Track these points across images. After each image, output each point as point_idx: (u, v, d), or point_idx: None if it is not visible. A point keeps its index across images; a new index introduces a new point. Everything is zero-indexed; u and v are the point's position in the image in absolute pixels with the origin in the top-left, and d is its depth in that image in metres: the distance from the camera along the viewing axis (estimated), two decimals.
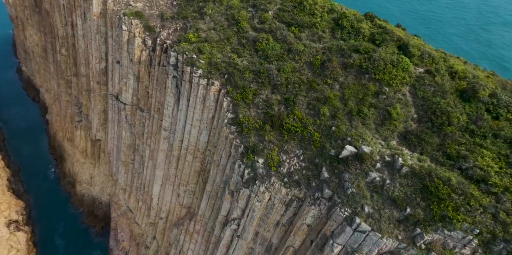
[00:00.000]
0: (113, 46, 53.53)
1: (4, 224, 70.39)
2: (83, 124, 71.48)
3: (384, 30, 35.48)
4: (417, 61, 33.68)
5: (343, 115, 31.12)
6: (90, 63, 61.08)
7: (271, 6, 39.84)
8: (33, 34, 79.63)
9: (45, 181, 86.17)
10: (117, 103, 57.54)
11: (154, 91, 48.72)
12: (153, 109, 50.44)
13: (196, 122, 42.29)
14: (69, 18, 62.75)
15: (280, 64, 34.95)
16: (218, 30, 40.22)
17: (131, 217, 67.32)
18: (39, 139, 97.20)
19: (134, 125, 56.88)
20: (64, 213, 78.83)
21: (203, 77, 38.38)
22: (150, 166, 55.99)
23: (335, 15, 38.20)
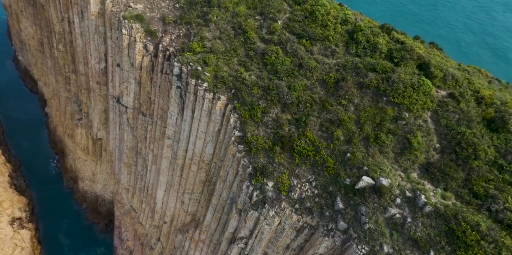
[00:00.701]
0: (112, 48, 51.45)
1: (7, 222, 70.28)
2: (83, 123, 70.12)
3: (403, 46, 33.29)
4: (439, 83, 31.61)
5: (359, 141, 29.67)
6: (89, 63, 59.05)
7: (280, 15, 37.57)
8: (28, 26, 76.84)
9: (47, 176, 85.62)
10: (118, 106, 56.02)
11: (157, 98, 47.14)
12: (156, 115, 49.02)
13: (201, 134, 41.02)
14: (65, 14, 60.20)
15: (290, 81, 33.22)
16: (224, 40, 38.20)
17: (134, 217, 67.15)
18: (39, 131, 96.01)
19: (136, 128, 55.59)
20: (67, 209, 78.75)
21: (208, 91, 36.80)
22: (153, 170, 55.14)
23: (349, 26, 35.92)
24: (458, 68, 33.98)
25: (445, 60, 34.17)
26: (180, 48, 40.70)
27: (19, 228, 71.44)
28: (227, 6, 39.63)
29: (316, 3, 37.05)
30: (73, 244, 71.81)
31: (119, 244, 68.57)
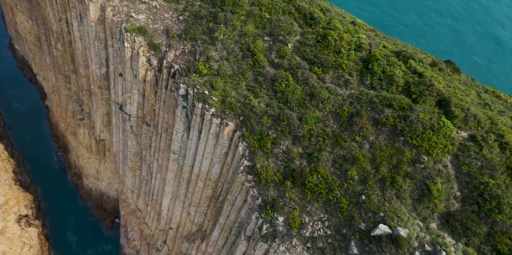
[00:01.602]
0: (114, 57, 49.89)
1: (14, 220, 71.19)
2: (86, 123, 69.36)
3: (421, 80, 31.69)
4: (460, 123, 30.35)
5: (374, 183, 29.09)
6: (89, 67, 57.48)
7: (290, 38, 35.87)
8: (24, 21, 74.20)
9: (51, 171, 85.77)
10: (121, 113, 55.12)
11: (161, 111, 46.21)
12: (161, 127, 48.28)
13: (207, 155, 40.55)
14: (63, 15, 57.88)
15: (301, 112, 32.27)
16: (232, 62, 36.81)
17: (140, 217, 67.92)
18: (40, 124, 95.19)
19: (140, 135, 54.98)
20: (73, 205, 79.55)
21: (216, 117, 35.96)
22: (158, 178, 55.10)
23: (363, 53, 34.28)
24: (479, 102, 32.38)
25: (465, 94, 32.47)
26: (186, 67, 39.33)
27: (26, 225, 72.45)
28: (234, 24, 37.86)
29: (328, 26, 35.28)
30: (81, 241, 73.08)
31: (126, 242, 69.82)
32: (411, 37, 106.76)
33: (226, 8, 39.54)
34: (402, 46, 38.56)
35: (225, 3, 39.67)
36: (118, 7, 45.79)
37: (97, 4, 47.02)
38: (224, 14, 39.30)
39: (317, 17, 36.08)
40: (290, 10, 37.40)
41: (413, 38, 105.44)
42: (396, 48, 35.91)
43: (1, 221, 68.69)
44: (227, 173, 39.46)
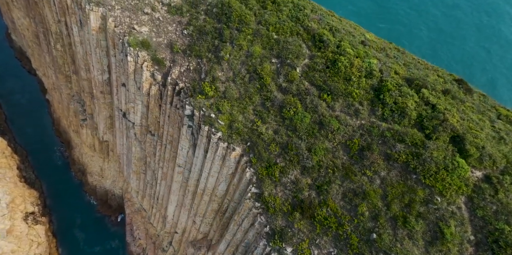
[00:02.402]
0: (116, 66, 48.96)
1: (21, 219, 72.27)
2: (88, 124, 68.99)
3: (434, 114, 30.87)
4: (475, 162, 29.92)
5: (386, 221, 29.07)
6: (91, 72, 56.45)
7: (298, 61, 34.92)
8: (21, 17, 72.17)
9: (54, 166, 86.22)
10: (124, 120, 54.72)
11: (166, 125, 45.84)
12: (165, 139, 48.08)
13: (214, 173, 40.61)
14: (62, 18, 56.20)
15: (310, 142, 31.94)
16: (238, 84, 36.12)
17: (145, 216, 68.95)
18: (41, 117, 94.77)
19: (144, 142, 54.86)
20: (78, 202, 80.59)
21: (222, 141, 35.71)
22: (163, 185, 55.47)
23: (374, 81, 33.40)
24: (494, 136, 31.59)
25: (479, 128, 31.61)
26: (191, 87, 38.62)
27: (33, 223, 73.64)
28: (240, 44, 36.80)
29: (338, 50, 34.26)
30: (88, 238, 74.59)
31: (132, 240, 71.26)
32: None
33: (232, 25, 38.33)
34: (414, 65, 37.60)
35: (230, 20, 38.43)
36: (120, 18, 44.40)
37: (98, 13, 45.60)
38: (230, 31, 38.15)
39: (326, 40, 35.01)
40: (298, 30, 36.24)
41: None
42: (408, 73, 34.98)
43: (8, 220, 69.71)
44: (233, 193, 39.68)
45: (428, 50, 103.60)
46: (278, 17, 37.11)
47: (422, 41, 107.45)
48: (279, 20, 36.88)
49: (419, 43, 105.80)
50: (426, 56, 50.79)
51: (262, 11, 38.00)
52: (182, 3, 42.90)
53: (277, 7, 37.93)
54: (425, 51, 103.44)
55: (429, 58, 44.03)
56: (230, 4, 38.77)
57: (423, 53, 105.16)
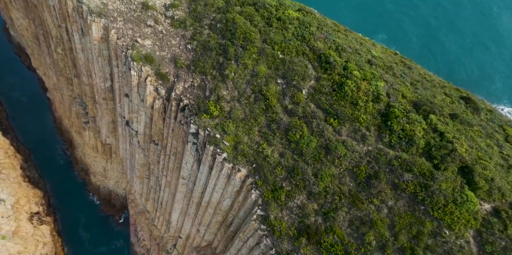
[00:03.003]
0: (119, 76, 48.53)
1: (27, 219, 73.14)
2: (91, 126, 68.86)
3: (442, 143, 30.60)
4: (483, 195, 29.95)
5: (393, 251, 29.23)
6: (93, 79, 55.98)
7: (304, 83, 34.57)
8: (20, 18, 70.95)
9: (57, 165, 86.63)
10: (127, 128, 54.67)
11: (170, 137, 45.84)
12: (169, 150, 48.16)
13: (218, 189, 40.88)
14: (63, 24, 55.29)
15: (317, 167, 31.99)
16: (243, 104, 35.92)
17: (149, 218, 69.74)
18: (43, 115, 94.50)
19: (148, 150, 54.95)
20: (82, 201, 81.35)
21: (228, 162, 35.79)
22: (167, 192, 55.90)
23: (381, 105, 33.06)
24: (503, 165, 31.39)
25: (488, 157, 31.50)
26: (196, 104, 38.41)
27: (38, 223, 74.58)
28: (245, 62, 36.37)
29: (345, 73, 33.86)
30: (93, 238, 75.68)
31: (136, 241, 72.35)
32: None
33: (236, 42, 37.79)
34: (421, 84, 37.14)
35: (235, 37, 37.86)
36: (123, 30, 43.75)
37: (100, 24, 44.94)
38: (235, 49, 37.66)
39: (332, 62, 34.58)
40: (304, 50, 35.75)
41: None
42: (415, 95, 34.62)
43: (14, 221, 70.54)
44: (238, 209, 40.06)
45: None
46: (284, 36, 36.56)
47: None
48: (284, 39, 36.34)
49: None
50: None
51: (267, 28, 37.40)
52: (186, 16, 42.16)
53: (282, 24, 37.30)
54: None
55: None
56: (235, 20, 38.12)
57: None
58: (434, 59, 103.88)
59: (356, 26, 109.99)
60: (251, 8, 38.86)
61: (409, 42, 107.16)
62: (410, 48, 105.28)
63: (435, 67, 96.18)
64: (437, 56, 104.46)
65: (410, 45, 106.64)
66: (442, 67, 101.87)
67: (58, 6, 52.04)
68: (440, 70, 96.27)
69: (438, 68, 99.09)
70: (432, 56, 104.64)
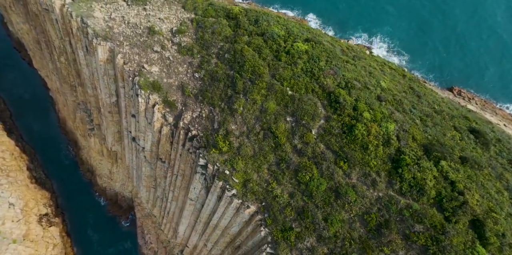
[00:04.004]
0: (126, 97, 48.34)
1: (36, 222, 74.91)
2: (96, 133, 69.13)
3: (453, 193, 30.72)
4: (495, 250, 30.26)
5: None
6: (98, 94, 55.67)
7: (314, 123, 34.57)
8: (20, 22, 69.48)
9: (63, 165, 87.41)
10: (134, 144, 55.00)
11: (178, 161, 46.25)
12: (177, 171, 48.69)
13: (227, 217, 41.73)
14: (66, 38, 54.33)
15: (327, 211, 32.49)
16: (252, 141, 36.12)
17: (156, 222, 71.36)
18: (46, 113, 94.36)
19: (154, 164, 55.53)
20: (89, 201, 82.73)
21: (237, 198, 36.41)
22: (174, 205, 56.90)
23: (392, 149, 33.16)
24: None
25: (499, 207, 31.67)
26: (205, 137, 38.58)
27: (47, 225, 76.42)
28: (254, 98, 36.25)
29: (354, 114, 33.79)
30: (101, 239, 77.66)
31: (143, 243, 74.36)
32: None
33: (245, 75, 37.49)
34: (431, 119, 36.88)
35: (243, 69, 37.52)
36: (129, 55, 43.23)
37: (106, 47, 44.32)
38: (243, 82, 37.42)
39: (342, 102, 34.45)
40: (314, 87, 35.53)
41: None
42: (425, 136, 34.59)
43: (24, 224, 72.31)
44: (246, 238, 41.06)
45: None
46: (293, 71, 36.24)
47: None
48: (293, 75, 36.04)
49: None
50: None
51: (276, 62, 36.99)
52: (193, 43, 41.54)
53: (291, 58, 36.85)
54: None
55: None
56: (243, 52, 37.65)
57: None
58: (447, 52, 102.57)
59: (362, 18, 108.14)
60: (259, 39, 38.25)
61: (411, 37, 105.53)
62: (413, 42, 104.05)
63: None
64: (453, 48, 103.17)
65: (412, 40, 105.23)
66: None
67: (61, 21, 51.02)
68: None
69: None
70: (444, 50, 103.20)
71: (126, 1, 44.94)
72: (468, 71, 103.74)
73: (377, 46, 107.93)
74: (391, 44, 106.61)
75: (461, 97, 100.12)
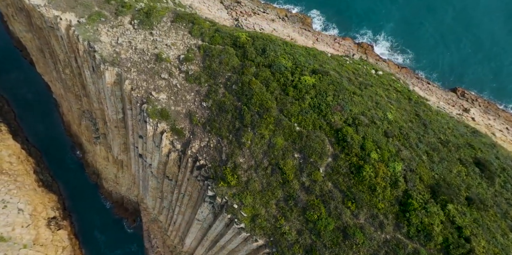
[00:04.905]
0: (133, 119, 48.70)
1: (45, 226, 76.71)
2: (102, 142, 69.81)
3: (460, 240, 31.24)
4: None
5: None
6: (104, 109, 55.95)
7: (322, 162, 35.11)
8: (22, 30, 68.78)
9: (68, 167, 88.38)
10: (141, 160, 55.74)
11: (185, 183, 47.05)
12: (184, 190, 49.60)
13: (234, 243, 42.79)
14: (72, 54, 54.14)
15: (335, 251, 33.38)
16: (260, 175, 36.83)
17: (162, 227, 73.07)
18: (51, 113, 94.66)
19: (161, 180, 56.43)
20: (95, 203, 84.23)
21: (245, 231, 37.41)
22: (180, 218, 58.17)
23: (399, 191, 33.82)
24: None
25: (505, 253, 32.92)
26: (213, 169, 39.25)
27: (56, 228, 78.27)
28: (262, 133, 36.71)
29: (362, 154, 34.27)
30: (108, 241, 79.65)
31: (150, 247, 76.36)
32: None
33: (252, 108, 37.79)
34: (438, 153, 37.30)
35: (251, 102, 37.79)
36: (137, 81, 43.37)
37: (113, 72, 44.40)
38: (251, 115, 37.77)
39: (350, 141, 34.91)
40: (321, 124, 35.91)
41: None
42: (432, 174, 35.14)
43: (33, 229, 74.12)
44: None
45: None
46: (300, 106, 36.54)
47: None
48: (301, 111, 36.36)
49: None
50: None
51: (284, 97, 37.23)
52: (200, 71, 41.59)
53: (298, 93, 37.05)
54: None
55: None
56: (251, 85, 37.82)
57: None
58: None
59: (366, 14, 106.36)
60: (267, 71, 38.32)
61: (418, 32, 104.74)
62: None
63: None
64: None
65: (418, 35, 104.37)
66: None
67: (67, 40, 50.76)
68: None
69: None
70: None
71: (133, 24, 44.64)
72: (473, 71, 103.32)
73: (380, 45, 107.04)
74: (395, 42, 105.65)
75: (464, 99, 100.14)
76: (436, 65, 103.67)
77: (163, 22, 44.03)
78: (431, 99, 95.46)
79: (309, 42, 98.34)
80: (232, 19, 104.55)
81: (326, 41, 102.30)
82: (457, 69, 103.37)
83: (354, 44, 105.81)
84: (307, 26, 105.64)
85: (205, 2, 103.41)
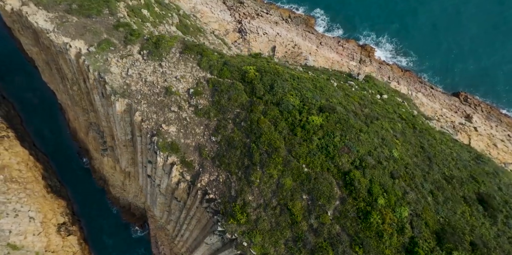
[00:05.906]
0: (142, 146, 49.63)
1: (55, 232, 78.97)
2: (109, 154, 70.92)
3: None
4: None
5: None
6: (113, 130, 56.79)
7: (330, 205, 36.22)
8: (28, 44, 68.70)
9: (76, 172, 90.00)
10: (149, 180, 56.98)
11: (194, 210, 48.38)
12: (193, 214, 51.02)
13: None
14: (80, 77, 54.56)
15: None
16: (269, 215, 38.05)
17: (169, 235, 75.16)
18: (56, 118, 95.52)
19: (169, 199, 57.86)
20: (104, 207, 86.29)
21: None
22: (188, 234, 59.94)
23: (405, 238, 35.01)
24: None
25: None
26: (222, 205, 40.48)
27: (66, 233, 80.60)
28: (271, 173, 37.75)
29: (370, 200, 35.34)
30: (116, 246, 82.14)
31: (157, 253, 78.76)
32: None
33: (261, 146, 38.69)
34: (442, 193, 38.33)
35: (259, 140, 38.66)
36: (147, 113, 44.10)
37: (123, 102, 45.06)
38: (260, 153, 38.70)
39: (357, 185, 35.96)
40: (329, 166, 36.87)
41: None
42: (437, 220, 36.20)
43: (44, 236, 76.38)
44: None
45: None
46: (308, 148, 37.40)
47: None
48: (309, 152, 37.25)
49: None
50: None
51: (292, 137, 38.04)
52: (209, 106, 42.24)
53: (306, 134, 37.85)
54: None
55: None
56: (259, 124, 38.59)
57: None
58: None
59: (369, 15, 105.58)
60: (275, 110, 38.99)
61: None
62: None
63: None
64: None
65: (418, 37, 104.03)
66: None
67: (76, 65, 51.14)
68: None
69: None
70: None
71: (142, 54, 44.97)
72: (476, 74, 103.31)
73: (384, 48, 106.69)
74: (399, 44, 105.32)
75: (467, 104, 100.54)
76: (439, 68, 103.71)
77: (172, 53, 44.34)
78: (435, 106, 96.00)
79: (313, 48, 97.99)
80: (235, 22, 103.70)
81: (330, 45, 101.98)
82: (460, 71, 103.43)
83: (358, 47, 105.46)
84: (310, 28, 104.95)
85: (208, 3, 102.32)
